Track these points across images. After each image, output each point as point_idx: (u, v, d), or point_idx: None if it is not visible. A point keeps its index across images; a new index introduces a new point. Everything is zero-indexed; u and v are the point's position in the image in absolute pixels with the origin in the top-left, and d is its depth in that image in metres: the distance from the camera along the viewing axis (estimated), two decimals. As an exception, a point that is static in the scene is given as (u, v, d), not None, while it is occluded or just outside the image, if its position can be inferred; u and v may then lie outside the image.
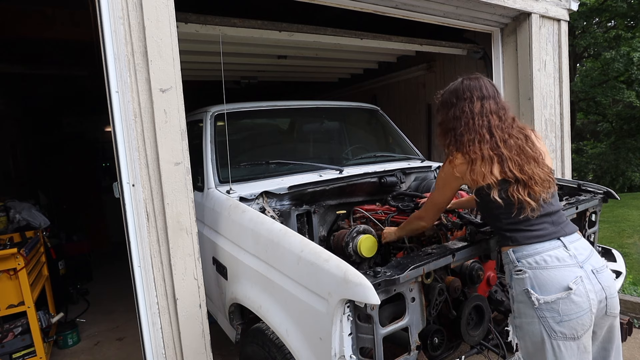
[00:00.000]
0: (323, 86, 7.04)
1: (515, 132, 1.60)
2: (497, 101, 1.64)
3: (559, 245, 1.51)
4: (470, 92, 1.63)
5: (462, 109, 1.62)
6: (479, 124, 1.58)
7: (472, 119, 1.59)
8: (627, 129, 14.01)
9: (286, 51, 4.28)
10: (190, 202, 2.08)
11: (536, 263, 1.49)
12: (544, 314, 1.45)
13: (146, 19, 1.92)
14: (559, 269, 1.47)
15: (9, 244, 3.04)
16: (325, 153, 3.51)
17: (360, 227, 1.99)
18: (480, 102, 1.61)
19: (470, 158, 1.55)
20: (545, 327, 1.45)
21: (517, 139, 1.58)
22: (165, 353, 2.09)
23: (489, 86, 1.65)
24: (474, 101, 1.61)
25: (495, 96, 1.64)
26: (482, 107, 1.60)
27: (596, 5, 11.55)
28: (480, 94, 1.62)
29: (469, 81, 1.66)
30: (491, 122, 1.58)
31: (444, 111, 1.70)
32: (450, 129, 1.65)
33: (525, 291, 1.49)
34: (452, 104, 1.66)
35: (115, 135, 1.93)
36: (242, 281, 2.01)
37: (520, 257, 1.52)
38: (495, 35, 3.97)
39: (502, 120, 1.60)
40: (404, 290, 1.47)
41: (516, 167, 1.51)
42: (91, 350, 3.53)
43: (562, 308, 1.43)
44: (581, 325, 1.44)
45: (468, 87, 1.64)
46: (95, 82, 2.81)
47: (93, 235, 6.24)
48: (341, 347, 1.39)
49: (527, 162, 1.54)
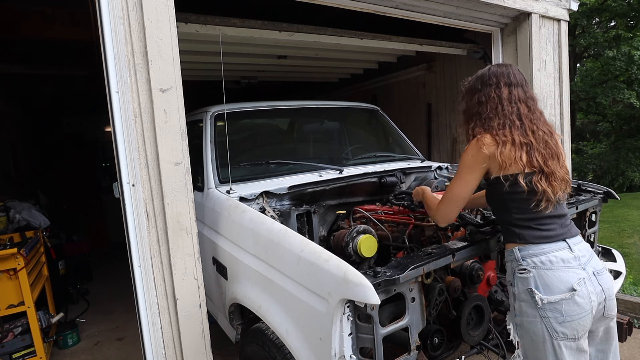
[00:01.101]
0: (323, 86, 7.04)
1: (541, 125, 1.56)
2: (525, 90, 1.59)
3: (565, 247, 1.51)
4: (497, 78, 1.59)
5: (488, 94, 1.58)
6: (509, 110, 1.53)
7: (500, 104, 1.55)
8: (627, 129, 14.01)
9: (286, 51, 4.28)
10: (190, 202, 2.08)
11: (541, 263, 1.48)
12: (547, 314, 1.45)
13: (146, 19, 1.92)
14: (564, 270, 1.47)
15: (9, 244, 3.04)
16: (325, 153, 3.51)
17: (360, 227, 1.98)
18: (508, 88, 1.57)
19: (500, 140, 1.49)
20: (547, 327, 1.45)
21: (544, 132, 1.55)
22: (165, 353, 2.09)
23: (517, 74, 1.60)
24: (500, 87, 1.57)
25: (523, 85, 1.60)
26: (510, 93, 1.56)
27: (596, 5, 11.55)
28: (508, 80, 1.58)
29: (496, 68, 1.62)
30: (520, 110, 1.54)
31: (469, 97, 1.66)
32: (474, 113, 1.61)
33: (528, 290, 1.49)
34: (477, 90, 1.62)
35: (115, 135, 1.93)
36: (242, 281, 2.01)
37: (526, 256, 1.52)
38: (495, 35, 3.97)
39: (530, 111, 1.56)
40: (404, 290, 1.47)
41: (542, 158, 1.49)
42: (91, 350, 3.53)
43: (565, 309, 1.44)
44: (582, 327, 1.46)
45: (495, 73, 1.61)
46: (95, 82, 2.81)
47: (93, 235, 6.24)
48: (341, 347, 1.39)
49: (551, 158, 1.51)
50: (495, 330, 1.95)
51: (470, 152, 1.56)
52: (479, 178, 1.58)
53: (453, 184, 1.63)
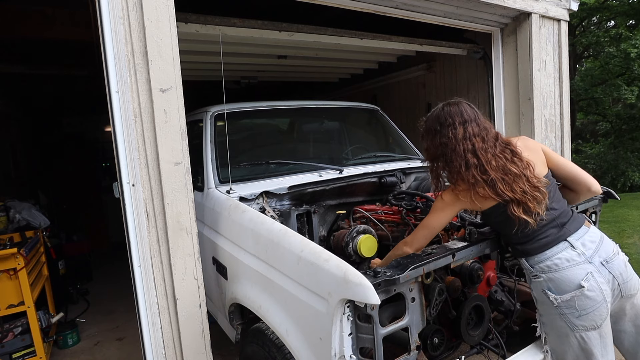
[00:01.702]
0: (323, 86, 7.03)
1: (498, 152, 1.62)
2: (479, 122, 1.66)
3: (566, 247, 1.59)
4: (452, 117, 1.66)
5: (447, 135, 1.65)
6: (464, 149, 1.61)
7: (457, 144, 1.62)
8: (626, 129, 14.00)
9: (286, 51, 4.28)
10: (190, 202, 2.08)
11: (548, 267, 1.59)
12: (564, 311, 1.56)
13: (146, 19, 1.92)
14: (570, 269, 1.55)
15: (9, 244, 3.04)
16: (325, 153, 3.51)
17: (360, 227, 1.99)
18: (463, 127, 1.64)
19: (470, 183, 1.58)
20: (567, 322, 1.57)
21: (500, 158, 1.60)
22: (165, 353, 2.09)
23: (468, 110, 1.68)
24: (456, 126, 1.64)
25: (475, 118, 1.66)
26: (464, 131, 1.63)
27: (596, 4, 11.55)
28: (462, 119, 1.65)
29: (449, 107, 1.69)
30: (475, 145, 1.61)
31: (429, 138, 1.73)
32: (439, 155, 1.70)
33: (543, 292, 1.61)
34: (437, 131, 1.70)
35: (115, 135, 1.93)
36: (242, 281, 2.01)
37: (533, 264, 1.64)
38: (495, 35, 3.97)
39: (485, 142, 1.63)
40: (404, 290, 1.47)
41: (507, 187, 1.56)
42: (91, 350, 3.53)
43: (579, 304, 1.53)
44: (599, 316, 1.54)
45: (449, 113, 1.68)
46: (95, 82, 2.81)
47: (93, 235, 6.24)
48: (341, 347, 1.39)
49: (514, 181, 1.57)
50: (495, 330, 1.95)
51: (447, 196, 1.68)
52: (451, 216, 1.71)
53: (427, 218, 1.75)
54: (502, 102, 4.05)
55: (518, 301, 2.16)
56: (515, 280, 2.19)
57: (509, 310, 2.11)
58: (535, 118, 3.79)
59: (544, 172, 1.69)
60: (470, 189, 1.59)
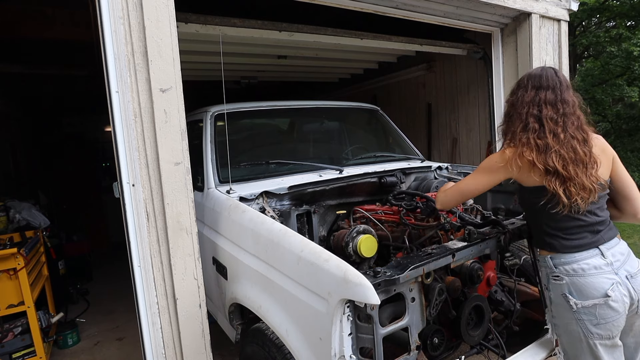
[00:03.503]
0: (323, 86, 7.04)
1: (572, 130, 1.54)
2: (557, 93, 1.57)
3: (597, 254, 1.55)
4: (528, 79, 1.62)
5: (517, 97, 1.63)
6: (528, 112, 1.56)
7: (522, 106, 1.58)
8: (626, 129, 13.99)
9: (286, 51, 4.28)
10: (190, 202, 2.08)
11: (574, 271, 1.54)
12: (582, 316, 1.53)
13: (146, 19, 1.92)
14: (596, 277, 1.52)
15: (9, 244, 3.04)
16: (325, 153, 3.51)
17: (360, 227, 1.98)
18: (535, 91, 1.58)
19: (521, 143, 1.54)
20: (583, 329, 1.54)
21: (573, 137, 1.53)
22: (165, 353, 2.09)
23: (551, 77, 1.60)
24: (528, 89, 1.60)
25: (555, 87, 1.58)
26: (535, 95, 1.57)
27: (596, 5, 11.54)
28: (538, 83, 1.59)
29: (534, 70, 1.65)
30: (542, 112, 1.54)
31: (507, 99, 1.72)
32: (506, 114, 1.67)
33: (563, 295, 1.56)
34: (513, 92, 1.68)
35: (115, 135, 1.93)
36: (242, 281, 2.01)
37: (558, 264, 1.58)
38: (496, 35, 3.97)
39: (558, 113, 1.54)
40: (404, 290, 1.47)
41: (560, 161, 1.48)
42: (91, 350, 3.53)
43: (600, 312, 1.51)
44: (616, 327, 1.53)
45: (529, 76, 1.64)
46: (95, 82, 2.81)
47: (93, 235, 6.23)
48: (341, 347, 1.39)
49: (574, 163, 1.49)
50: (495, 330, 1.95)
51: (492, 159, 1.65)
52: (491, 183, 1.67)
53: (466, 178, 1.75)
54: (502, 102, 4.04)
55: (518, 301, 2.17)
56: (515, 280, 2.19)
57: (509, 310, 2.11)
58: (535, 118, 3.79)
59: (605, 177, 1.61)
60: (517, 150, 1.53)
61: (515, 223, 1.95)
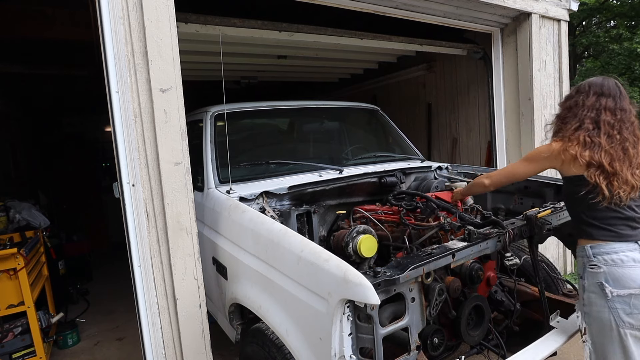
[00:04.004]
0: (323, 86, 7.04)
1: (626, 134, 1.64)
2: (617, 101, 1.68)
3: (635, 248, 1.62)
4: (589, 87, 1.72)
5: (577, 101, 1.72)
6: (585, 114, 1.66)
7: (581, 110, 1.68)
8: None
9: (286, 51, 4.28)
10: (190, 202, 2.08)
11: (612, 261, 1.61)
12: (615, 305, 1.60)
13: (146, 19, 1.92)
14: (634, 269, 1.59)
15: (9, 244, 3.04)
16: (325, 153, 3.50)
17: (360, 227, 1.98)
18: (597, 97, 1.69)
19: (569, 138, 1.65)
20: (615, 317, 1.60)
21: (625, 139, 1.63)
22: (165, 353, 2.09)
23: (612, 87, 1.70)
24: (589, 95, 1.69)
25: (616, 96, 1.68)
26: (597, 101, 1.67)
27: (596, 5, 11.55)
28: (600, 90, 1.69)
29: (595, 78, 1.76)
30: (601, 117, 1.65)
31: (564, 102, 1.81)
32: (561, 116, 1.77)
33: (599, 284, 1.63)
34: (571, 97, 1.78)
35: (115, 135, 1.93)
36: (242, 281, 2.01)
37: (597, 253, 1.65)
38: (495, 35, 3.97)
39: (615, 119, 1.65)
40: (404, 290, 1.47)
41: (607, 157, 1.58)
42: (91, 350, 3.53)
43: (634, 302, 1.58)
44: None
45: (590, 83, 1.74)
46: (95, 82, 2.81)
47: (93, 235, 6.23)
48: (341, 347, 1.39)
49: (621, 161, 1.59)
50: (495, 330, 1.95)
51: (540, 149, 1.79)
52: (535, 171, 1.81)
53: (515, 163, 1.92)
54: (502, 102, 4.05)
55: (518, 301, 2.17)
56: (515, 280, 2.19)
57: (509, 310, 2.12)
58: (535, 118, 3.79)
59: None
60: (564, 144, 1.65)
61: (515, 223, 1.95)
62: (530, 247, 1.96)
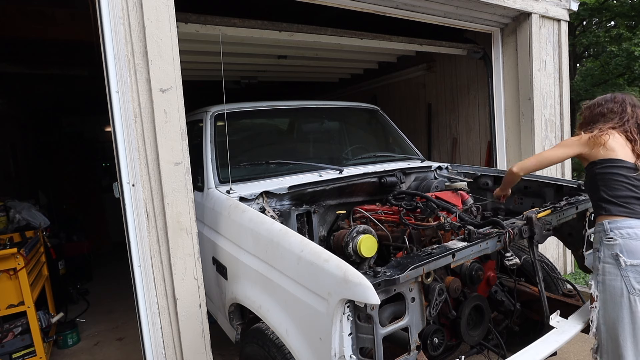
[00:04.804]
0: (323, 86, 7.04)
1: None
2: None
3: None
4: (623, 99, 2.00)
5: (611, 108, 1.98)
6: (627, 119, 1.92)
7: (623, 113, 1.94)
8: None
9: (286, 51, 4.28)
10: (190, 202, 2.08)
11: (628, 235, 1.81)
12: (628, 273, 1.78)
13: (146, 19, 1.92)
14: None
15: (9, 244, 3.04)
16: (325, 153, 3.50)
17: (360, 227, 1.98)
18: (632, 107, 1.97)
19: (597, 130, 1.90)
20: (627, 284, 1.79)
21: None
22: (165, 353, 2.09)
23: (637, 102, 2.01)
24: (625, 105, 1.97)
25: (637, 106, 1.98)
26: (632, 111, 1.96)
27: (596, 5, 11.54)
28: (632, 102, 1.99)
29: (623, 96, 2.03)
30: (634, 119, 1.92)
31: (588, 111, 2.07)
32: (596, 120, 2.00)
33: (614, 255, 1.82)
34: (600, 105, 2.03)
35: (115, 135, 1.93)
36: (242, 281, 2.01)
37: (614, 228, 1.84)
38: (495, 35, 3.97)
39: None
40: (404, 290, 1.47)
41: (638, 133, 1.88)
42: (91, 350, 3.53)
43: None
44: None
45: (623, 97, 2.01)
46: (95, 82, 2.81)
47: (93, 235, 6.23)
48: (341, 347, 1.39)
49: None
50: (495, 330, 1.95)
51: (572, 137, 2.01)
52: (566, 155, 2.00)
53: (546, 151, 2.10)
54: (502, 102, 4.05)
55: (518, 301, 2.17)
56: (515, 280, 2.19)
57: (509, 310, 2.12)
58: (535, 118, 3.79)
59: None
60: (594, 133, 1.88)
61: (516, 223, 1.95)
62: (530, 247, 1.96)
